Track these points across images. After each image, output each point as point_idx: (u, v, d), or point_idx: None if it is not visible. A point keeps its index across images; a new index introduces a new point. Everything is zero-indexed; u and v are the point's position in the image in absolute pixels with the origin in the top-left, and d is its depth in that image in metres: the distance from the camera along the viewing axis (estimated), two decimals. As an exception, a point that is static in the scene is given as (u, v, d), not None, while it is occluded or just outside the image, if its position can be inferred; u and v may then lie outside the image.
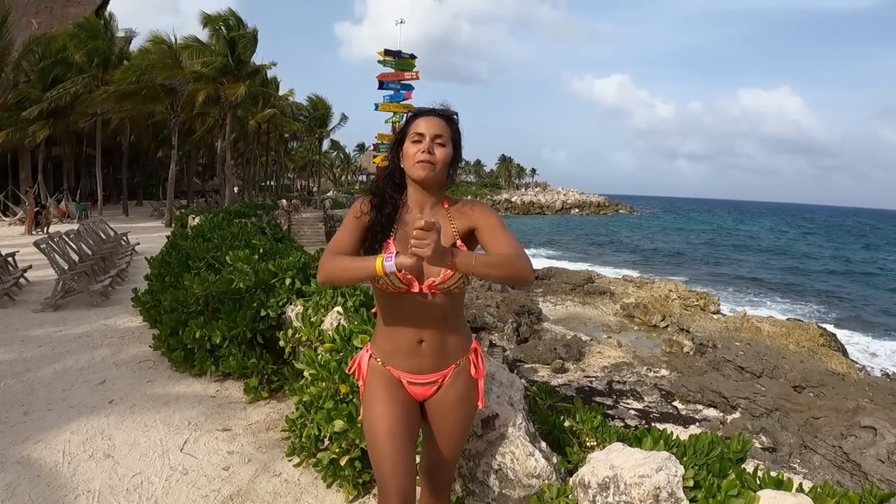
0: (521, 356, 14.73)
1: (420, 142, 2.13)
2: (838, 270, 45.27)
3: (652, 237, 68.93)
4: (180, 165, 36.50)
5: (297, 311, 4.99)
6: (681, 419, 11.59)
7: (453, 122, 2.22)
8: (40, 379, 5.58)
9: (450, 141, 2.18)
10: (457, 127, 2.23)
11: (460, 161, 2.30)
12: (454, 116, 2.24)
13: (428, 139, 2.13)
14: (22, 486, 3.59)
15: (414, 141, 2.15)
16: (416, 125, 2.16)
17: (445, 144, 2.16)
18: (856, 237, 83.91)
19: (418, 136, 2.14)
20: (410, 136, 2.16)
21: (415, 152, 2.13)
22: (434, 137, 2.13)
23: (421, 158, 2.12)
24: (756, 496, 2.21)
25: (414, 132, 2.16)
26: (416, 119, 2.18)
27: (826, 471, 9.24)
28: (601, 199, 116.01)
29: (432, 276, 2.10)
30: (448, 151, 2.17)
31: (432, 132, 2.14)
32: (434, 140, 2.13)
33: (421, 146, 2.13)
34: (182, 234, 10.21)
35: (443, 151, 2.15)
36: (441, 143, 2.15)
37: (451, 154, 2.19)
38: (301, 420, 3.81)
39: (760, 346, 15.44)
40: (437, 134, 2.14)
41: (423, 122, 2.16)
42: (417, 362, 2.21)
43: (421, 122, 2.16)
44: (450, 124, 2.20)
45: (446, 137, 2.16)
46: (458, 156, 2.24)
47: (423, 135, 2.14)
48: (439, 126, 2.16)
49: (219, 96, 29.13)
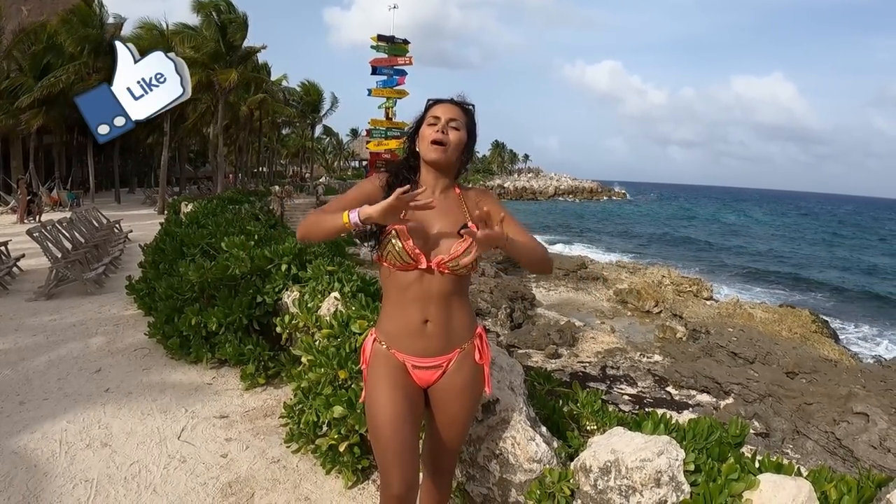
0: (515, 342, 14.72)
1: (435, 124, 2.20)
2: (831, 259, 45.42)
3: (644, 223, 68.95)
4: (172, 153, 36.28)
5: (293, 297, 4.98)
6: (674, 404, 11.62)
7: (469, 112, 2.31)
8: (35, 368, 5.55)
9: (464, 127, 2.25)
10: (472, 116, 2.31)
11: (474, 151, 2.37)
12: (470, 107, 2.32)
13: (443, 121, 2.20)
14: (19, 477, 3.58)
15: (430, 124, 2.22)
16: (434, 110, 2.25)
17: (460, 129, 2.23)
18: (852, 228, 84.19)
19: (434, 120, 2.22)
20: (427, 121, 2.24)
21: (429, 133, 2.20)
22: (449, 121, 2.21)
23: (435, 138, 2.18)
24: (756, 480, 2.22)
25: (431, 116, 2.25)
26: (434, 105, 2.27)
27: (819, 456, 9.29)
28: (594, 185, 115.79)
29: (441, 253, 2.15)
30: (462, 136, 2.23)
31: (447, 116, 2.23)
32: (448, 123, 2.21)
33: (436, 128, 2.20)
34: (176, 221, 10.16)
35: (456, 135, 2.22)
36: (455, 127, 2.22)
37: (465, 140, 2.25)
38: (299, 406, 3.80)
39: (753, 332, 15.47)
40: (452, 118, 2.21)
41: (439, 107, 2.25)
42: (422, 344, 2.21)
43: (438, 107, 2.26)
44: (465, 112, 2.28)
45: (461, 122, 2.24)
46: (473, 144, 2.30)
47: (438, 118, 2.22)
48: (455, 112, 2.25)
49: (211, 82, 28.94)
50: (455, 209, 2.24)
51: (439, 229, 2.18)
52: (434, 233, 2.18)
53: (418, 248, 2.14)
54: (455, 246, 2.14)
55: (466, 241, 2.10)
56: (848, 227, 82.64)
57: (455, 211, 2.24)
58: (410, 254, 2.13)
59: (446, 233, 2.17)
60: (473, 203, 2.26)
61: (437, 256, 2.15)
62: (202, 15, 29.29)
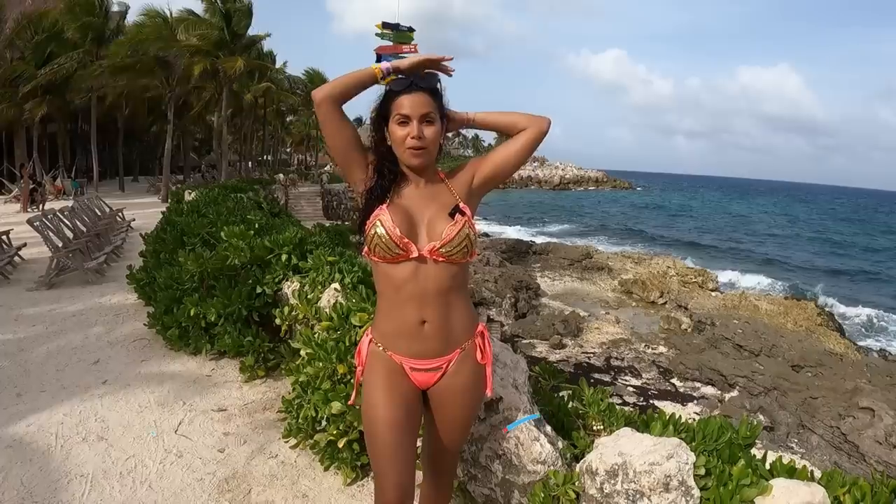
0: (520, 332, 14.69)
1: (406, 123, 1.99)
2: (839, 250, 45.27)
3: (650, 213, 68.79)
4: (176, 141, 36.26)
5: (293, 288, 4.91)
6: (679, 397, 11.57)
7: (437, 93, 2.06)
8: (34, 359, 5.49)
9: (437, 114, 2.03)
10: (441, 94, 2.07)
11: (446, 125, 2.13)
12: (437, 87, 2.07)
13: (416, 123, 1.98)
14: (14, 471, 3.52)
15: (399, 123, 2.00)
16: (399, 104, 1.99)
17: (434, 121, 2.01)
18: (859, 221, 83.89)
19: (403, 119, 1.99)
20: (395, 118, 2.00)
21: (403, 137, 1.99)
22: (422, 118, 1.99)
23: (412, 145, 1.99)
24: (769, 486, 2.14)
25: (398, 113, 1.99)
26: (398, 97, 2.00)
27: (824, 451, 9.23)
28: (599, 175, 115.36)
29: (434, 240, 2.01)
30: (437, 128, 2.03)
31: (418, 112, 1.98)
32: (422, 122, 1.99)
33: (408, 130, 1.98)
34: (177, 209, 10.07)
35: (432, 130, 2.01)
36: (430, 121, 2.00)
37: (441, 127, 2.06)
38: (298, 401, 3.74)
39: (758, 324, 15.41)
40: (424, 113, 1.99)
41: (406, 100, 1.98)
42: (420, 346, 2.08)
43: (404, 100, 1.98)
44: (434, 96, 2.03)
45: (433, 112, 2.01)
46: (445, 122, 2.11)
47: (408, 117, 1.98)
48: (424, 102, 1.99)
49: (216, 70, 28.85)
50: (443, 193, 2.09)
51: (429, 216, 2.04)
52: (423, 220, 2.04)
53: (406, 236, 1.98)
54: (447, 229, 2.00)
55: (459, 224, 2.00)
56: (854, 219, 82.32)
57: (443, 195, 2.08)
58: (398, 243, 1.97)
59: (436, 218, 2.03)
60: (458, 179, 2.13)
61: (430, 244, 2.01)
62: (206, 2, 29.21)
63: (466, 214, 2.04)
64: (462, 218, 2.01)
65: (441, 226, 2.01)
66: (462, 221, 2.01)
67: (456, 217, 2.01)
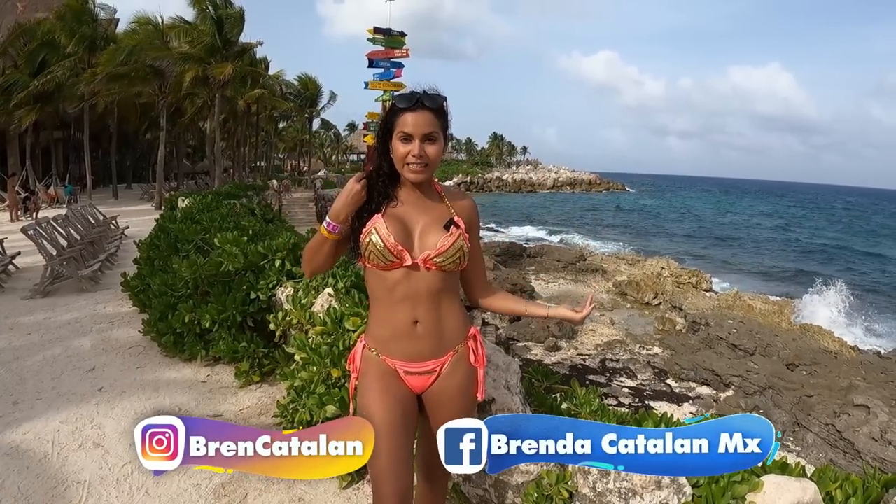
0: (514, 334, 14.70)
1: (409, 141, 2.01)
2: (829, 250, 45.39)
3: (643, 214, 68.90)
4: (169, 148, 36.20)
5: (287, 294, 4.92)
6: (674, 397, 11.60)
7: (443, 112, 2.07)
8: (29, 367, 5.50)
9: (440, 132, 2.04)
10: (446, 113, 2.09)
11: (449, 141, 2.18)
12: (443, 105, 2.07)
13: (418, 142, 2.00)
14: (10, 478, 3.53)
15: (402, 139, 2.01)
16: (403, 121, 2.00)
17: (437, 140, 2.03)
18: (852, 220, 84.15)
19: (406, 136, 2.01)
20: (398, 134, 2.02)
21: (404, 154, 2.02)
22: (424, 138, 2.00)
23: (412, 163, 2.01)
24: (760, 482, 2.16)
25: (401, 130, 2.01)
26: (403, 114, 2.01)
27: (819, 449, 9.27)
28: (592, 177, 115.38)
29: (427, 249, 2.05)
30: (440, 146, 2.05)
31: (421, 132, 1.99)
32: (424, 140, 2.01)
33: (411, 148, 2.00)
34: (171, 216, 10.08)
35: (434, 149, 2.03)
36: (432, 140, 2.02)
37: (444, 145, 2.07)
38: (293, 405, 3.74)
39: (753, 323, 15.45)
40: (427, 132, 2.00)
41: (410, 118, 1.99)
42: (414, 347, 2.11)
43: (408, 117, 2.00)
44: (439, 116, 2.04)
45: (437, 131, 2.03)
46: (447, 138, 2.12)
47: (411, 136, 2.00)
48: (428, 121, 2.00)
49: (207, 77, 28.81)
50: (438, 205, 2.14)
51: (423, 225, 2.09)
52: (417, 229, 2.09)
53: (400, 244, 2.03)
54: (442, 240, 2.05)
55: (454, 236, 2.05)
56: (846, 219, 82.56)
57: (438, 207, 2.13)
58: (392, 251, 2.02)
59: (430, 228, 2.07)
60: (457, 205, 2.16)
61: (424, 252, 2.05)
62: (198, 9, 29.16)
63: (461, 227, 2.09)
64: (457, 230, 2.07)
65: (435, 236, 2.06)
66: (457, 234, 2.06)
67: (451, 229, 2.06)
